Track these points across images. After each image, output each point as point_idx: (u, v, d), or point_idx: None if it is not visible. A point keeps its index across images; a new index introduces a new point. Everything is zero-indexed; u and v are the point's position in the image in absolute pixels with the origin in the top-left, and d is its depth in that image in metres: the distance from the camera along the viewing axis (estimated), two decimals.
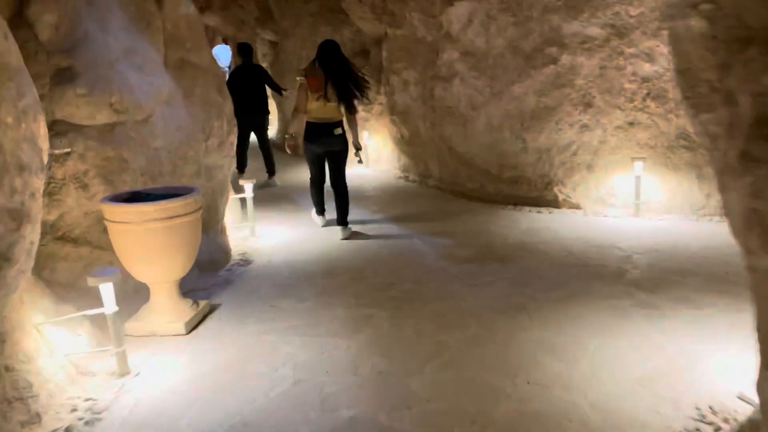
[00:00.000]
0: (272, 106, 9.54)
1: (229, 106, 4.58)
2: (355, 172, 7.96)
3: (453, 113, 6.35)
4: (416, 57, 6.97)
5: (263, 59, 12.75)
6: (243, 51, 7.87)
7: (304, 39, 9.44)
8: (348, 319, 3.38)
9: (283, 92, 8.28)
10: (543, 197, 5.75)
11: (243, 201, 5.26)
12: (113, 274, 2.71)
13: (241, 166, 7.84)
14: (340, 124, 5.04)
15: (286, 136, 5.32)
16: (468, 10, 6.06)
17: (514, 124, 5.78)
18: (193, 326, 3.32)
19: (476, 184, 6.31)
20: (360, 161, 5.39)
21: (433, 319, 3.34)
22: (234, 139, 4.65)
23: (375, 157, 8.35)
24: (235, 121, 4.68)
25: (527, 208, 5.69)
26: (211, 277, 4.14)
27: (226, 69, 21.25)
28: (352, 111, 4.99)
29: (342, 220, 5.19)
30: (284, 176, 8.00)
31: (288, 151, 5.25)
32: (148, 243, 3.07)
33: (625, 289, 3.65)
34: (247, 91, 7.43)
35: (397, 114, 7.40)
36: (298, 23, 9.58)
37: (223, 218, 4.64)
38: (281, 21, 10.32)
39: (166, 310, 3.26)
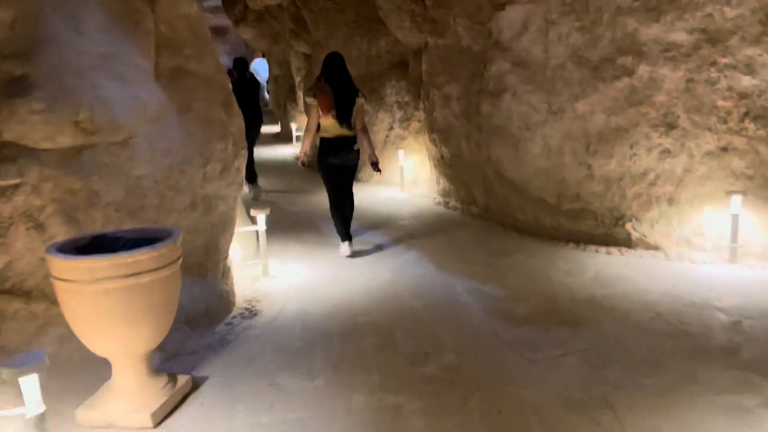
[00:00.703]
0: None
1: (236, 125, 3.82)
2: (388, 196, 7.16)
3: (503, 133, 5.47)
4: (460, 69, 6.14)
5: (297, 73, 12.13)
6: (238, 65, 8.00)
7: (338, 50, 8.71)
8: (368, 411, 2.52)
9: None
10: (612, 235, 4.79)
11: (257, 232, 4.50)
12: (38, 362, 1.94)
13: (252, 177, 7.61)
14: (355, 139, 4.95)
15: (299, 155, 5.28)
16: (522, 15, 5.20)
17: (578, 147, 4.86)
18: (165, 414, 2.52)
19: (529, 216, 5.40)
20: (377, 170, 5.14)
21: (483, 417, 2.45)
22: (242, 163, 3.88)
23: (411, 179, 7.51)
24: (244, 143, 3.93)
25: (593, 248, 4.75)
26: (205, 336, 3.35)
27: (266, 84, 20.88)
28: (351, 127, 4.84)
29: (346, 232, 5.03)
30: (304, 200, 7.23)
31: (301, 165, 5.26)
32: (102, 308, 2.30)
33: (742, 377, 2.70)
34: (246, 104, 7.24)
35: (438, 132, 6.56)
36: (332, 34, 8.88)
37: (225, 258, 3.87)
38: (315, 32, 9.65)
39: (129, 393, 2.48)
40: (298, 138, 12.13)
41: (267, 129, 16.61)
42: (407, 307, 3.75)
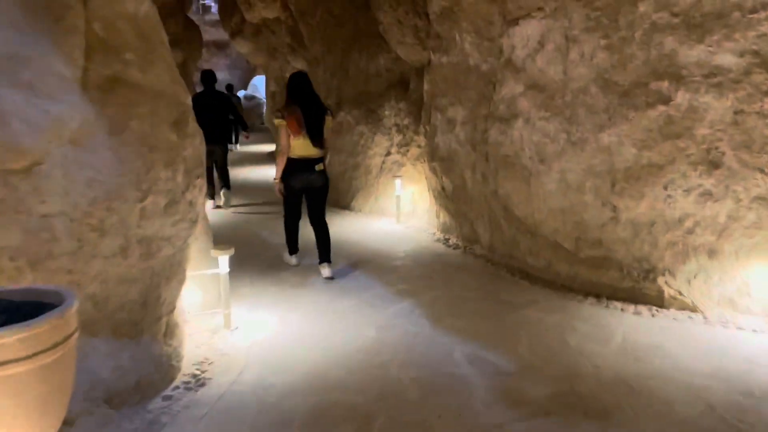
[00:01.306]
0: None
1: (192, 148, 3.13)
2: (383, 228, 6.44)
3: (513, 164, 4.78)
4: (466, 90, 5.47)
5: None
6: (205, 78, 7.86)
7: (335, 67, 8.10)
8: None
9: (247, 135, 8.53)
10: (641, 290, 4.07)
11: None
12: None
13: (212, 193, 7.73)
14: (322, 159, 4.84)
15: (274, 180, 4.98)
16: (539, 31, 4.54)
17: (601, 184, 4.17)
18: None
19: (542, 261, 4.68)
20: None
21: None
22: (197, 196, 3.19)
23: (409, 210, 6.81)
24: (201, 170, 3.24)
25: (618, 305, 4.02)
26: (132, 417, 2.62)
27: (263, 101, 20.35)
28: (323, 146, 4.80)
29: (325, 257, 4.88)
30: None
31: (278, 194, 4.98)
32: None
33: None
34: (205, 120, 7.48)
35: (439, 160, 5.87)
36: (330, 49, 8.27)
37: (171, 311, 3.15)
38: (312, 47, 9.04)
39: None
40: None
41: (263, 147, 16.03)
42: (394, 380, 3.02)
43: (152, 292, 2.93)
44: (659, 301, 3.99)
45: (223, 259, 3.65)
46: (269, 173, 11.00)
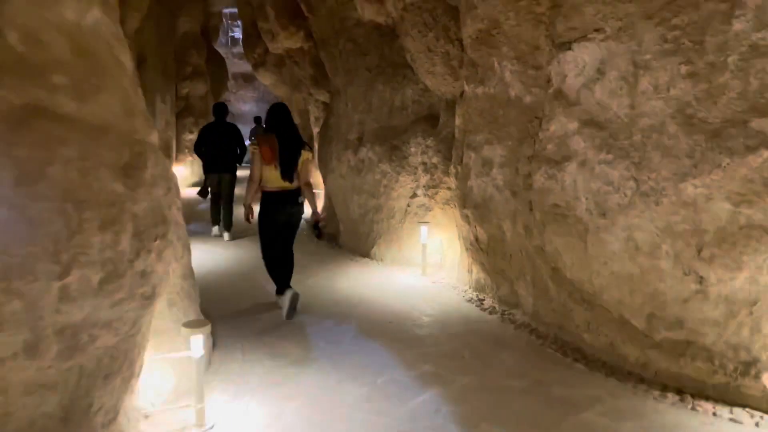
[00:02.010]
0: None
1: (149, 202, 2.37)
2: (406, 283, 5.59)
3: (564, 216, 3.91)
4: (505, 126, 4.66)
5: (315, 123, 10.88)
6: (216, 110, 8.03)
7: (357, 99, 7.40)
8: None
9: (237, 165, 8.05)
10: (738, 388, 3.12)
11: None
12: None
13: (216, 220, 8.10)
14: (300, 191, 4.74)
15: (244, 205, 4.80)
16: (598, 56, 3.73)
17: (683, 248, 3.26)
18: None
19: (602, 340, 3.76)
20: (320, 237, 4.90)
21: None
22: (152, 264, 2.40)
23: (436, 262, 5.96)
24: (161, 230, 2.47)
25: (708, 407, 3.07)
26: None
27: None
28: (291, 180, 4.63)
29: (286, 284, 4.79)
30: (303, 283, 5.70)
31: (248, 221, 4.83)
32: None
33: None
34: (214, 149, 7.69)
35: (472, 207, 5.03)
36: (352, 80, 7.58)
37: (112, 419, 2.34)
38: (334, 78, 8.39)
39: None
40: None
41: None
42: None
43: (80, 399, 2.13)
44: (763, 406, 3.03)
45: (197, 340, 2.85)
46: None
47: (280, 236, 4.77)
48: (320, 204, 10.02)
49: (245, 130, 24.38)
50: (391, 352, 3.88)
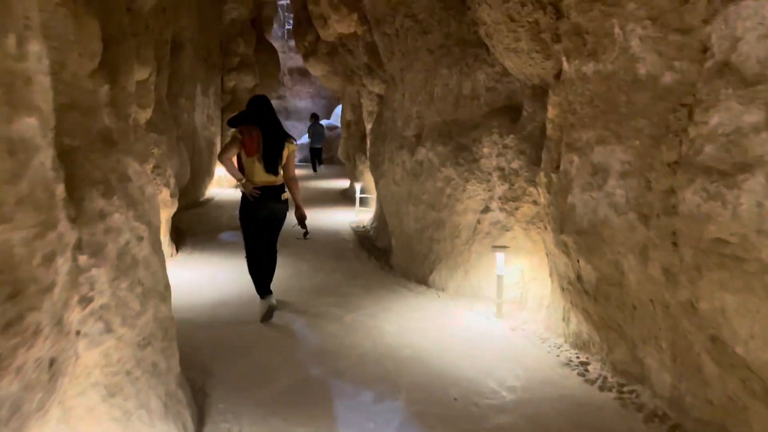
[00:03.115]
0: None
1: None
2: (475, 328, 4.20)
3: (738, 260, 2.44)
4: (631, 118, 3.19)
5: (368, 118, 9.62)
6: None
7: (416, 88, 6.06)
8: None
9: None
10: None
11: None
12: None
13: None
14: (284, 188, 4.55)
15: (240, 182, 4.42)
16: None
17: None
18: None
19: None
20: (305, 235, 4.67)
21: None
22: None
23: (515, 298, 4.54)
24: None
25: None
26: None
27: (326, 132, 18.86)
28: (276, 173, 4.45)
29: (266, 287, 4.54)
30: (346, 328, 4.40)
31: (251, 194, 4.37)
32: None
33: None
34: None
35: (575, 233, 3.58)
36: (410, 64, 6.25)
37: None
38: (389, 63, 7.07)
39: None
40: (361, 201, 9.49)
41: (335, 183, 14.26)
42: None
43: None
44: None
45: None
46: (340, 219, 9.05)
47: (262, 234, 4.54)
48: (370, 213, 8.78)
49: (300, 126, 23.53)
50: None
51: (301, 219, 4.62)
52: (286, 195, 4.55)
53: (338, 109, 22.83)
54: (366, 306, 4.74)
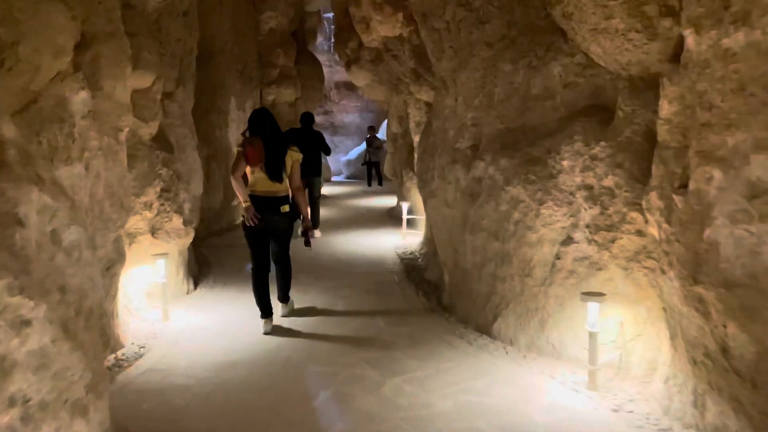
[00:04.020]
0: None
1: None
2: (563, 409, 3.03)
3: None
4: None
5: (416, 129, 8.62)
6: (304, 119, 8.59)
7: (472, 90, 5.01)
8: None
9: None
10: None
11: None
12: None
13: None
14: (287, 200, 4.61)
15: (244, 204, 4.46)
16: None
17: None
18: None
19: None
20: (307, 245, 4.66)
21: None
22: None
23: (612, 361, 3.38)
24: None
25: None
26: None
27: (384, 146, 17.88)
28: (281, 181, 4.51)
29: (282, 296, 4.81)
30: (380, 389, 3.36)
31: (251, 221, 4.41)
32: None
33: None
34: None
35: (720, 285, 2.39)
36: (464, 63, 5.20)
37: None
38: (439, 63, 6.04)
39: None
40: (408, 223, 8.45)
41: (381, 201, 13.27)
42: None
43: None
44: None
45: None
46: (385, 243, 8.05)
47: (264, 244, 4.56)
48: (418, 236, 7.70)
49: (348, 142, 22.74)
50: None
51: (306, 231, 4.66)
52: (286, 208, 4.55)
53: (386, 124, 21.97)
54: (412, 367, 3.68)
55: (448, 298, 5.04)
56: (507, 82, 4.51)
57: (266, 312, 4.48)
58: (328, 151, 8.99)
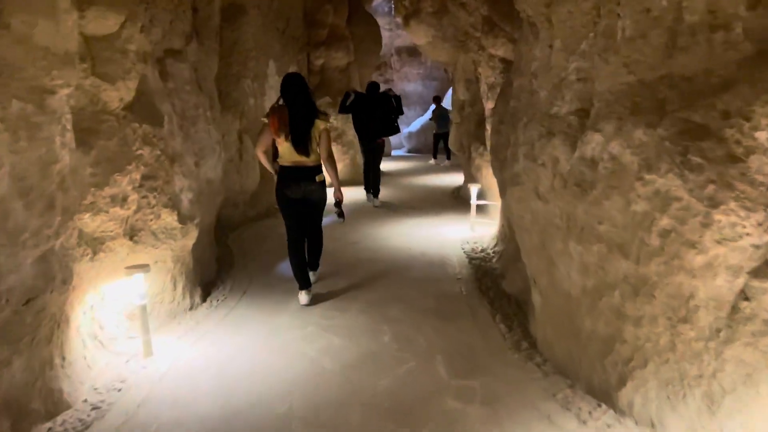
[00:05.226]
0: None
1: None
2: None
3: None
4: None
5: (488, 92, 7.02)
6: (369, 88, 8.67)
7: (577, 29, 3.42)
8: None
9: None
10: None
11: None
12: None
13: (367, 188, 8.81)
14: (320, 169, 4.45)
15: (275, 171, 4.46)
16: None
17: None
18: None
19: None
20: (340, 216, 4.55)
21: None
22: None
23: None
24: None
25: None
26: None
27: (451, 116, 16.15)
28: (308, 153, 4.29)
29: (313, 263, 4.82)
30: None
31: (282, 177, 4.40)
32: None
33: None
34: (367, 117, 8.41)
35: None
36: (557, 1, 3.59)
37: None
38: (522, 3, 4.42)
39: None
40: (478, 209, 6.91)
41: (446, 179, 11.71)
42: None
43: None
44: None
45: None
46: (449, 235, 6.58)
47: (298, 216, 4.43)
48: (491, 227, 6.08)
49: (410, 113, 21.14)
50: None
51: (338, 201, 4.49)
52: (322, 177, 4.41)
53: (449, 93, 20.15)
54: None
55: (539, 331, 3.56)
56: (640, 9, 2.90)
57: (305, 283, 4.41)
58: (398, 112, 8.72)
